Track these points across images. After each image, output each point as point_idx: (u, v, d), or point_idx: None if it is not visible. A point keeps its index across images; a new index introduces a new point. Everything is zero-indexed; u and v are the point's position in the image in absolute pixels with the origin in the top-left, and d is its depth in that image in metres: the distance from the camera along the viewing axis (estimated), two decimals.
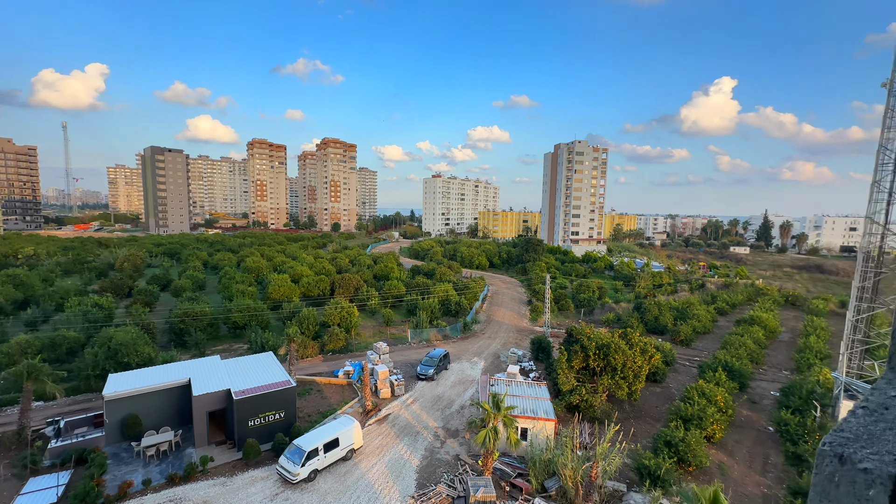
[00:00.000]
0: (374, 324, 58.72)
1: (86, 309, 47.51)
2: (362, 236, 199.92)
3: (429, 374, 40.03)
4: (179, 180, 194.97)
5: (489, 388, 31.94)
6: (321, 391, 37.05)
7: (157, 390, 29.04)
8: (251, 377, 30.57)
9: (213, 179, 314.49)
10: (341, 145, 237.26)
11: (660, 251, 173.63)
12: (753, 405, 37.39)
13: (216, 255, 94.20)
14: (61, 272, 74.71)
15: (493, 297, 78.76)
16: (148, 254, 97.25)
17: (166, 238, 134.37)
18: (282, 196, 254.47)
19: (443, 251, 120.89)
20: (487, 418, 25.52)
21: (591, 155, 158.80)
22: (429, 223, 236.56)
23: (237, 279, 67.55)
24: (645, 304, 60.62)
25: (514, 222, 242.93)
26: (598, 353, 34.42)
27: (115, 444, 27.61)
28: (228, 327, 50.60)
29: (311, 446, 25.23)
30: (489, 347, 50.80)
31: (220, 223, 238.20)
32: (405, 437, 30.45)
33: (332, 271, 77.50)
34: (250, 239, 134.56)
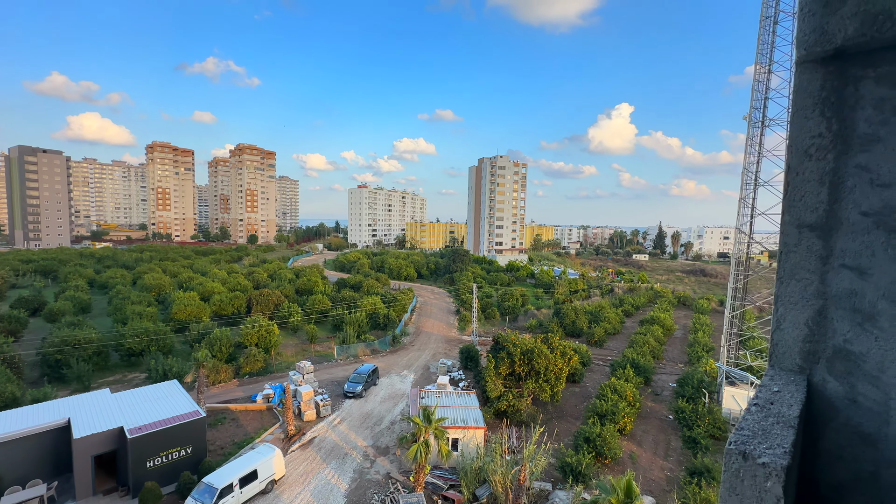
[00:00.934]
0: (296, 342, 55.37)
1: None
2: (283, 249, 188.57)
3: (356, 391, 38.60)
4: (57, 186, 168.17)
5: (419, 401, 31.66)
6: (236, 419, 33.84)
7: (23, 436, 24.23)
8: (150, 410, 26.92)
9: (102, 185, 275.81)
10: (258, 152, 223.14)
11: (574, 259, 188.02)
12: (656, 397, 41.64)
13: (105, 273, 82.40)
14: None
15: (422, 308, 78.74)
16: (13, 272, 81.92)
17: (39, 254, 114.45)
18: (189, 205, 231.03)
19: (370, 263, 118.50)
20: (419, 432, 25.21)
21: (512, 169, 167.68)
22: (355, 234, 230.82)
23: (132, 299, 59.65)
24: (563, 310, 64.90)
25: (441, 233, 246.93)
26: (524, 359, 35.96)
27: None
28: (121, 355, 44.27)
29: (224, 482, 22.80)
30: (419, 359, 50.51)
31: (110, 235, 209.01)
32: (332, 460, 28.88)
33: (249, 287, 71.88)
34: (150, 253, 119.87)
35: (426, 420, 25.47)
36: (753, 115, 35.34)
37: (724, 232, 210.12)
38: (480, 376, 40.38)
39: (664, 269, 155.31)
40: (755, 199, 35.67)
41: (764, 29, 34.63)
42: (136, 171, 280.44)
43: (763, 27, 34.65)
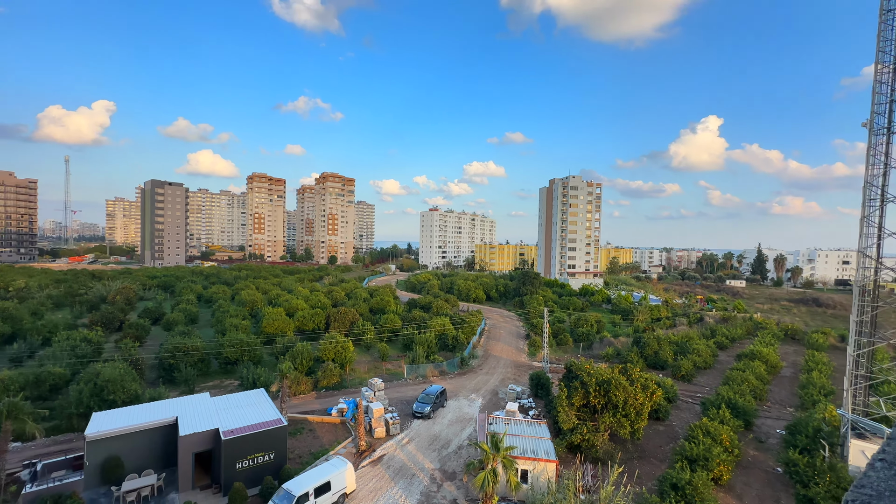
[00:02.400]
0: (369, 359, 57.49)
1: (74, 343, 46.36)
2: (359, 269, 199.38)
3: (425, 412, 38.80)
4: (178, 213, 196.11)
5: (487, 427, 30.91)
6: (313, 430, 35.69)
7: (141, 430, 27.86)
8: (241, 416, 29.50)
9: (211, 212, 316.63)
10: (340, 179, 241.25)
11: (656, 284, 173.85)
12: (760, 444, 36.24)
13: (211, 288, 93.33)
14: (52, 305, 73.55)
15: (490, 331, 77.75)
16: (141, 286, 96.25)
17: (161, 271, 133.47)
18: (279, 229, 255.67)
19: (439, 284, 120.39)
20: (486, 460, 24.52)
21: (585, 189, 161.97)
22: (426, 256, 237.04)
23: (231, 313, 66.63)
24: (644, 339, 59.96)
25: (510, 255, 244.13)
26: (599, 390, 33.63)
27: (94, 488, 26.17)
28: (220, 362, 49.37)
29: (301, 491, 24.00)
30: (487, 384, 49.60)
31: (216, 255, 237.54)
32: (400, 479, 29.09)
33: (328, 305, 76.69)
34: (246, 272, 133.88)
35: (494, 447, 24.73)
36: (876, 122, 30.58)
37: (844, 255, 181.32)
38: (552, 406, 38.46)
39: (766, 298, 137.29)
40: (883, 217, 30.43)
41: (886, 24, 30.25)
42: (238, 199, 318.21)
43: (885, 22, 30.29)
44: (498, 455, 24.25)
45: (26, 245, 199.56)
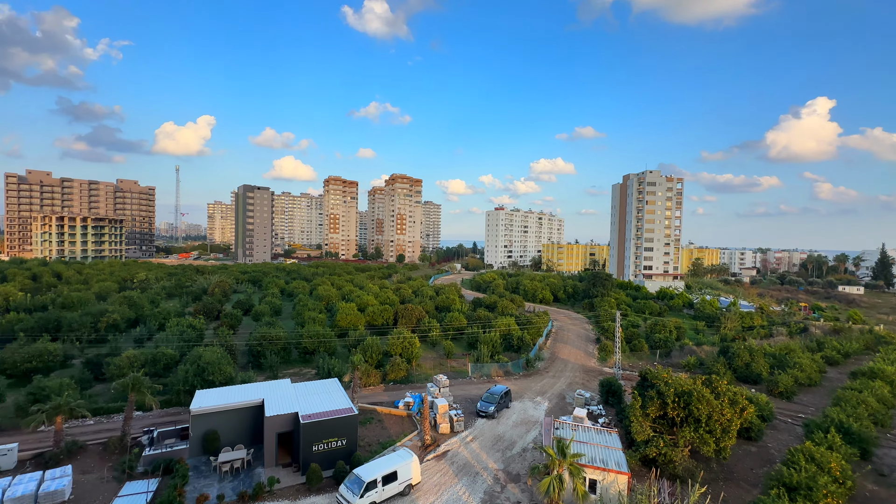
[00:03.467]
0: (434, 355, 58.65)
1: (182, 329, 53.10)
2: (425, 268, 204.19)
3: (489, 411, 38.71)
4: (265, 214, 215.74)
5: (553, 431, 30.02)
6: (381, 421, 37.28)
7: (235, 408, 31.15)
8: (317, 402, 31.70)
9: (293, 213, 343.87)
10: (408, 180, 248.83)
11: (749, 289, 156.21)
12: (881, 478, 31.03)
13: (292, 283, 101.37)
14: (165, 295, 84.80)
15: (557, 333, 75.37)
16: (235, 280, 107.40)
17: (251, 267, 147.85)
18: (352, 228, 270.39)
19: (505, 284, 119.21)
20: (552, 465, 23.85)
21: (664, 185, 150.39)
22: (491, 255, 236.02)
23: (309, 306, 71.77)
24: (733, 349, 54.20)
25: (580, 255, 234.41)
26: (678, 402, 31.05)
27: (196, 456, 29.78)
28: (299, 352, 53.45)
29: (370, 477, 25.21)
30: (553, 387, 48.16)
31: (296, 253, 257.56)
32: (464, 476, 29.33)
33: (396, 301, 79.51)
34: (322, 268, 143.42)
35: (560, 453, 23.97)
36: None
37: None
38: (624, 415, 36.32)
39: (891, 307, 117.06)
40: None
41: None
42: (315, 201, 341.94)
43: None
44: (564, 461, 23.46)
45: (146, 243, 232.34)
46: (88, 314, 57.93)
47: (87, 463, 28.82)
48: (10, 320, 55.88)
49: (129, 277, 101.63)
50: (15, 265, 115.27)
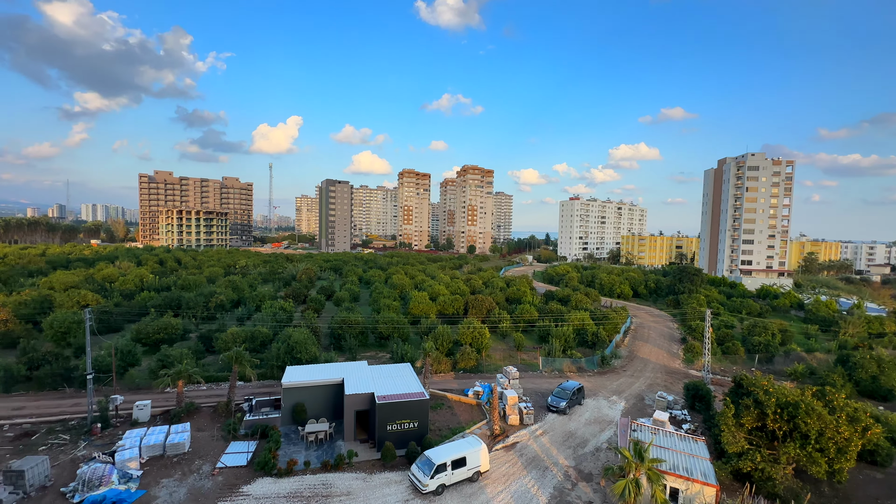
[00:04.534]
0: (504, 347, 58.41)
1: (274, 311, 58.91)
2: (496, 259, 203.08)
3: (560, 406, 37.73)
4: (345, 207, 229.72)
5: (630, 433, 28.41)
6: (451, 408, 38.17)
7: (319, 385, 33.96)
8: (391, 385, 33.36)
9: (370, 206, 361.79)
10: (479, 171, 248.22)
11: (879, 290, 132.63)
12: None
13: (369, 272, 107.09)
14: (261, 280, 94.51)
15: (637, 330, 70.76)
16: (319, 268, 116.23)
17: (333, 256, 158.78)
18: (425, 220, 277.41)
19: (579, 277, 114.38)
20: (627, 467, 22.65)
21: (769, 169, 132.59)
22: (565, 247, 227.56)
23: (384, 294, 75.33)
24: (855, 358, 46.58)
25: (664, 248, 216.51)
26: (781, 413, 27.54)
27: (287, 425, 33.07)
28: (375, 336, 56.50)
29: (441, 460, 26.02)
30: (631, 387, 45.46)
31: (373, 244, 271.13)
32: (532, 469, 29.05)
33: (467, 292, 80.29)
34: (396, 258, 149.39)
35: (637, 456, 22.66)
36: None
37: None
38: (713, 422, 33.18)
39: None
40: None
41: None
42: (390, 194, 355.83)
43: None
44: (642, 465, 22.15)
45: (245, 234, 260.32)
46: (201, 295, 66.66)
47: (201, 422, 33.44)
48: (143, 298, 66.33)
49: (232, 264, 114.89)
50: (147, 251, 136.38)
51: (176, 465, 27.70)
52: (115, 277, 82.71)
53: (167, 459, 28.27)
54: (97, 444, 29.80)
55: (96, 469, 25.08)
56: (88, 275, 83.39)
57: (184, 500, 24.31)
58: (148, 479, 26.07)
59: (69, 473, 26.17)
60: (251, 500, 24.49)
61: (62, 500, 23.97)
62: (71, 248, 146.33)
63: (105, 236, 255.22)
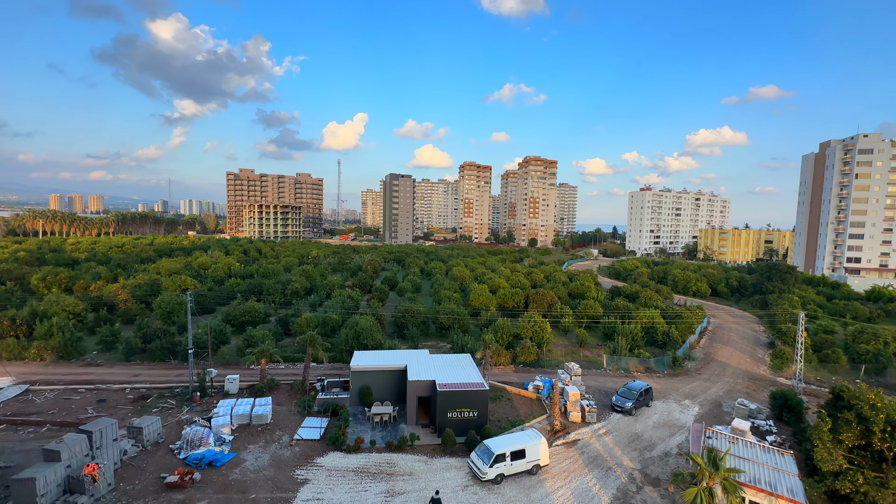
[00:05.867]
0: (566, 343, 57.01)
1: (343, 299, 62.61)
2: (558, 252, 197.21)
3: (626, 407, 36.21)
4: (407, 200, 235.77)
5: (704, 439, 26.61)
6: (511, 400, 38.23)
7: (384, 370, 35.76)
8: (452, 374, 34.18)
9: (431, 199, 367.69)
10: (542, 162, 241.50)
11: None
12: None
13: (430, 264, 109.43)
14: (331, 270, 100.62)
15: (715, 331, 65.33)
16: (383, 259, 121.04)
17: (396, 247, 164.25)
18: (485, 212, 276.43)
19: (650, 273, 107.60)
20: (700, 475, 21.32)
21: (886, 153, 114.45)
22: (634, 241, 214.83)
23: (445, 286, 76.70)
24: None
25: (750, 242, 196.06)
26: (892, 432, 24.15)
27: (355, 406, 35.28)
28: (436, 327, 57.91)
29: (500, 450, 26.33)
30: (707, 392, 42.27)
31: (434, 236, 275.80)
32: (594, 468, 28.34)
33: (527, 285, 79.17)
34: (457, 251, 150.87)
35: (712, 464, 21.23)
36: None
37: None
38: (804, 436, 29.98)
39: None
40: None
41: None
42: (451, 187, 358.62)
43: None
44: (716, 474, 20.73)
45: (316, 226, 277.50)
46: (279, 283, 72.65)
47: (280, 397, 36.79)
48: (231, 284, 73.77)
49: (305, 254, 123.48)
50: (233, 242, 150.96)
51: (260, 434, 30.86)
52: (207, 265, 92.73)
53: (252, 428, 31.58)
54: (197, 410, 34.07)
55: (197, 431, 28.76)
56: (187, 262, 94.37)
57: (267, 465, 27.09)
58: (237, 444, 29.36)
59: (175, 433, 30.27)
60: (324, 471, 26.64)
61: (170, 455, 27.83)
62: (172, 239, 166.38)
63: (199, 228, 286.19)
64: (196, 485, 24.88)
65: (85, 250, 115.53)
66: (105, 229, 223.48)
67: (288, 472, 26.38)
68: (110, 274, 79.56)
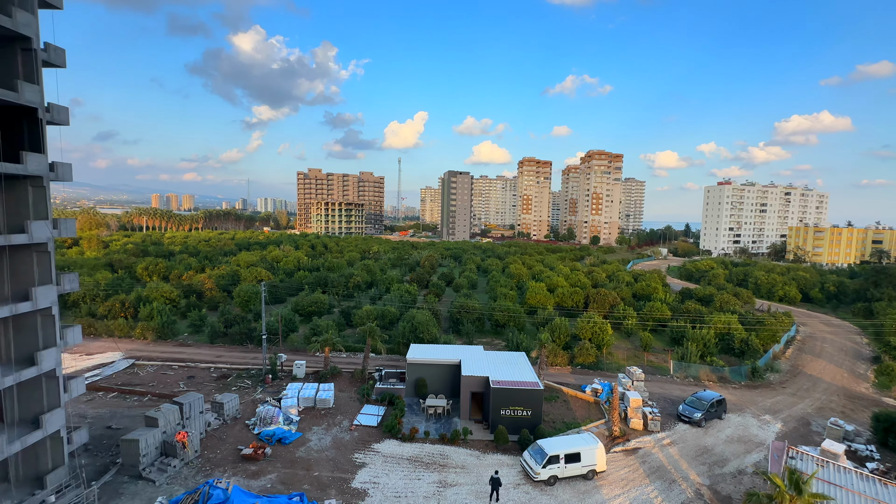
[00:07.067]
0: (628, 346, 54.21)
1: (401, 293, 64.56)
2: (623, 251, 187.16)
3: (695, 417, 33.73)
4: (465, 197, 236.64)
5: (786, 459, 24.05)
6: (567, 402, 37.21)
7: (438, 363, 36.46)
8: (506, 371, 34.01)
9: (489, 195, 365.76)
10: (606, 156, 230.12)
11: None
12: None
13: (487, 261, 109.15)
14: (390, 265, 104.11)
15: (805, 341, 58.51)
16: (440, 256, 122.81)
17: (453, 244, 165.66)
18: (544, 209, 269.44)
19: (727, 274, 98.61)
20: (779, 497, 19.36)
21: None
22: (710, 240, 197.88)
23: (501, 283, 76.15)
24: None
25: (853, 242, 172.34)
26: None
27: (410, 397, 36.37)
28: (491, 323, 57.79)
29: (553, 451, 25.82)
30: (792, 408, 38.07)
31: (491, 233, 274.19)
32: (657, 480, 26.78)
33: (588, 285, 76.22)
34: (514, 248, 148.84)
35: (794, 487, 19.17)
36: None
37: None
38: None
39: None
40: None
41: None
42: (510, 183, 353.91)
43: None
44: (798, 498, 18.69)
45: (377, 223, 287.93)
46: (343, 276, 76.61)
47: (341, 384, 38.94)
48: (300, 276, 79.11)
49: (366, 249, 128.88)
50: (302, 237, 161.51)
51: (323, 417, 32.95)
52: (280, 258, 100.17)
53: (316, 411, 33.78)
54: (269, 391, 37.15)
55: (269, 410, 31.40)
56: (262, 255, 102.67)
57: (328, 447, 28.90)
58: (303, 425, 31.61)
59: (250, 410, 33.27)
60: (380, 457, 27.87)
61: (246, 429, 30.67)
62: (250, 234, 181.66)
63: (273, 224, 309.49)
64: (267, 458, 27.23)
65: (179, 243, 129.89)
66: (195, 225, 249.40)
67: (347, 455, 27.95)
68: (199, 265, 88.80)
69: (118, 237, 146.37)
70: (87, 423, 29.65)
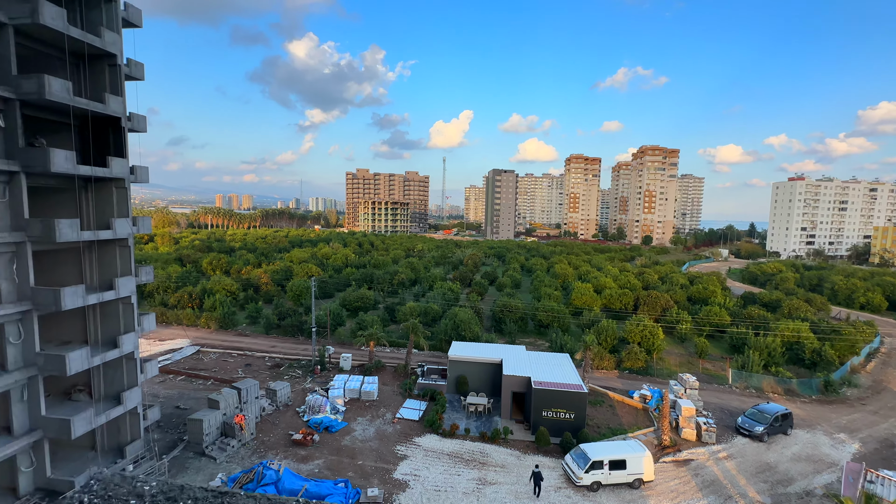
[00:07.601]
0: (682, 352, 51.31)
1: (444, 291, 65.15)
2: (678, 252, 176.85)
3: (756, 431, 31.35)
4: (510, 195, 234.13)
5: (864, 483, 21.81)
6: (613, 407, 35.92)
7: (480, 362, 36.52)
8: (549, 372, 33.42)
9: (534, 194, 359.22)
10: (660, 152, 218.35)
11: None
12: None
13: (531, 260, 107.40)
14: (434, 263, 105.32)
15: (891, 354, 52.48)
16: (483, 254, 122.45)
17: (497, 243, 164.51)
18: (592, 207, 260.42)
19: (798, 279, 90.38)
20: None
21: None
22: (777, 240, 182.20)
23: (546, 283, 74.65)
24: None
25: None
26: None
27: (451, 393, 36.71)
28: (535, 324, 56.89)
29: (597, 457, 25.06)
30: (873, 427, 34.32)
31: (536, 232, 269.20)
32: (710, 495, 25.21)
33: (638, 286, 72.88)
34: (560, 247, 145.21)
35: None
36: None
37: None
38: None
39: None
40: None
41: None
42: (556, 181, 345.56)
43: None
44: None
45: (422, 221, 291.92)
46: (388, 273, 78.56)
47: (385, 377, 40.05)
48: (347, 273, 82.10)
49: (411, 248, 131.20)
50: (350, 235, 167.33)
51: (367, 409, 34.10)
52: (329, 255, 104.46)
53: (361, 402, 35.02)
54: (317, 381, 38.99)
55: (317, 399, 32.98)
56: (313, 252, 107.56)
57: (372, 437, 29.88)
58: (348, 415, 32.90)
59: (300, 398, 35.10)
60: (421, 451, 28.42)
61: (296, 416, 32.42)
62: (302, 232, 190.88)
63: (323, 223, 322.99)
64: (315, 445, 28.64)
65: (239, 240, 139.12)
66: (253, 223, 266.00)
67: (390, 447, 28.75)
68: (256, 260, 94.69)
69: (187, 234, 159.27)
70: (159, 402, 32.65)
